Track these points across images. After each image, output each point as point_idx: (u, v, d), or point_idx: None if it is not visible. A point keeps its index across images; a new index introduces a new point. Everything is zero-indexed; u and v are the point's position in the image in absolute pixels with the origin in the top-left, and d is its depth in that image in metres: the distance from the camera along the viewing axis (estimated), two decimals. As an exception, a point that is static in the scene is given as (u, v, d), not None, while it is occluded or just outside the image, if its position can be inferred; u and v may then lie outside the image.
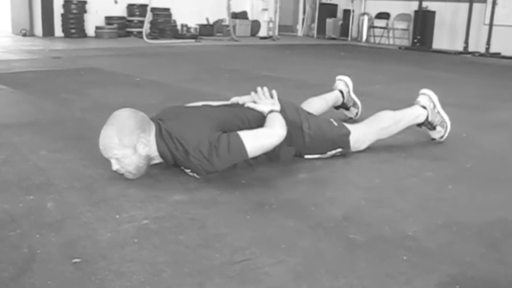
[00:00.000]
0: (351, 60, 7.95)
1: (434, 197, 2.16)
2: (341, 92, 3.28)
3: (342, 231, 1.78)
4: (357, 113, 3.37)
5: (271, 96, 2.49)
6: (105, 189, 2.08)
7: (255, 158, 2.26)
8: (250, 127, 2.31)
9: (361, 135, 2.64)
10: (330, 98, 3.21)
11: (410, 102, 2.93)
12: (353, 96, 3.34)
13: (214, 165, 2.11)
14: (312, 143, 2.50)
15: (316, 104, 3.04)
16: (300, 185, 2.23)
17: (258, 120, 2.34)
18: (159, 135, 2.18)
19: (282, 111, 2.40)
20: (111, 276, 1.44)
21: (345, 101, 3.30)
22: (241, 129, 2.26)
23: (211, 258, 1.56)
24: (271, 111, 2.36)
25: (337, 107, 3.32)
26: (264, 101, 2.45)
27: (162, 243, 1.65)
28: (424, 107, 2.84)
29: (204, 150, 2.09)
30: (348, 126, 2.61)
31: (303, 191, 2.17)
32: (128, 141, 2.11)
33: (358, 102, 3.36)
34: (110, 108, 2.38)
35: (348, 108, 3.36)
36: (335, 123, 2.59)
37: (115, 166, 2.14)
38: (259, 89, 2.51)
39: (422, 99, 2.87)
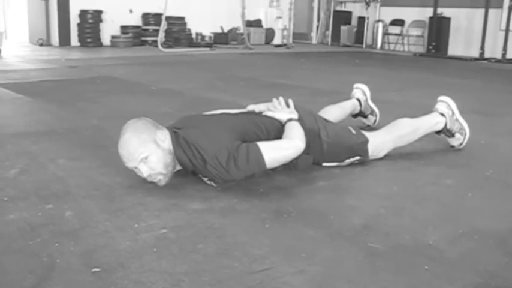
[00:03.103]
0: (365, 68, 7.92)
1: (454, 205, 2.13)
2: (358, 100, 3.26)
3: (362, 239, 1.76)
4: (375, 121, 3.35)
5: (288, 106, 2.48)
6: (123, 198, 2.08)
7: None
8: (269, 136, 2.30)
9: (379, 143, 2.62)
10: (347, 106, 3.19)
11: (427, 108, 2.91)
12: (371, 104, 3.32)
13: (232, 175, 2.10)
14: (330, 150, 2.48)
15: (333, 112, 3.03)
16: (319, 193, 2.22)
17: (276, 129, 2.34)
18: (177, 142, 2.17)
19: (300, 120, 2.40)
20: (130, 286, 1.43)
21: (363, 109, 3.28)
22: (260, 138, 2.25)
23: (231, 267, 1.55)
24: (289, 120, 2.35)
25: (354, 115, 3.30)
26: (281, 109, 2.45)
27: (181, 252, 1.64)
28: (443, 114, 2.81)
29: (222, 160, 2.08)
30: (366, 134, 2.60)
31: (322, 199, 2.15)
32: (147, 136, 2.11)
33: (376, 109, 3.34)
34: (126, 116, 2.38)
35: (365, 116, 3.34)
36: (353, 131, 2.57)
37: (145, 171, 2.11)
38: (275, 99, 2.50)
39: (440, 107, 2.85)
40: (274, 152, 2.15)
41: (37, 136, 3.01)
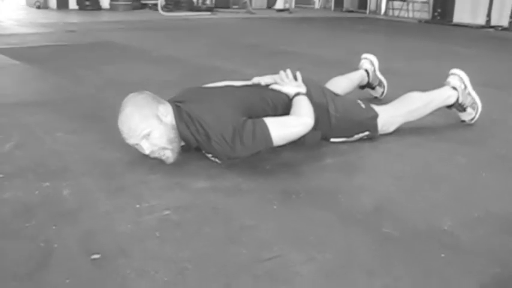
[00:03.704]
0: (370, 35, 7.75)
1: (468, 186, 2.05)
2: (366, 71, 3.15)
3: (374, 224, 1.68)
4: (382, 92, 3.24)
5: (295, 78, 2.37)
6: (123, 176, 1.99)
7: (280, 144, 2.16)
8: (276, 111, 2.20)
9: (389, 117, 2.52)
10: (355, 78, 3.08)
11: (435, 79, 2.80)
12: (379, 75, 3.21)
13: (237, 152, 2.01)
14: (338, 126, 2.38)
15: (341, 84, 2.92)
16: (327, 171, 2.13)
17: (284, 104, 2.24)
18: (179, 117, 2.07)
19: (308, 94, 2.29)
20: (132, 275, 1.35)
21: (371, 80, 3.17)
22: (267, 113, 2.16)
23: (238, 255, 1.47)
24: (297, 94, 2.25)
25: (362, 87, 3.19)
26: (288, 82, 2.34)
27: (185, 236, 1.56)
28: (455, 88, 2.71)
29: (227, 137, 1.98)
30: (376, 108, 2.49)
31: (330, 177, 2.07)
32: (148, 111, 2.01)
33: (384, 81, 3.23)
34: (126, 85, 2.31)
35: (373, 88, 3.23)
36: (362, 105, 2.47)
37: (147, 148, 2.02)
38: (282, 72, 2.39)
39: (452, 80, 2.74)
40: (282, 129, 2.05)
41: (34, 107, 2.91)
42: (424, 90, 2.67)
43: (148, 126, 1.99)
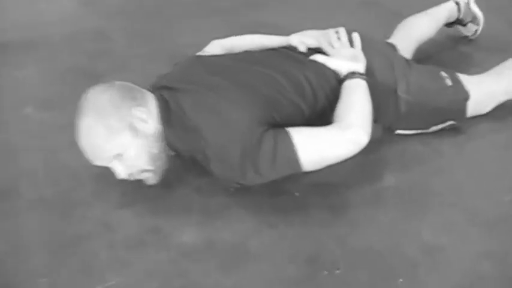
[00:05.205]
0: None
1: None
2: (457, 2, 2.28)
3: None
4: (476, 31, 2.36)
5: (351, 44, 1.60)
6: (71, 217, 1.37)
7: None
8: (315, 106, 1.48)
9: (484, 95, 1.72)
10: (441, 15, 2.21)
11: None
12: (473, 7, 2.32)
13: (248, 181, 1.34)
14: (409, 113, 1.62)
15: (420, 27, 2.10)
16: (384, 206, 1.40)
17: (328, 89, 1.50)
18: (167, 120, 1.39)
19: (368, 70, 1.54)
20: None
21: (462, 15, 2.29)
22: (299, 110, 1.45)
23: None
24: (351, 74, 1.50)
25: (449, 24, 2.33)
26: (340, 51, 1.58)
27: None
28: None
29: (233, 159, 1.30)
30: (466, 80, 1.70)
31: (389, 219, 1.36)
32: (117, 121, 1.33)
33: (480, 15, 2.33)
34: (147, 3, 1.58)
35: (464, 25, 2.36)
36: (448, 82, 1.68)
37: (121, 171, 1.37)
38: (331, 31, 1.62)
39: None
40: (317, 148, 1.33)
41: None
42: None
43: (119, 144, 1.33)
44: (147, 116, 1.37)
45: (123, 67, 2.06)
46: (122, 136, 1.33)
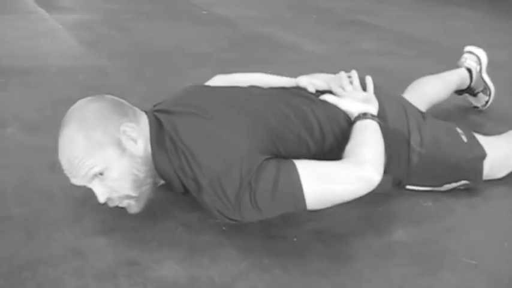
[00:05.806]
0: (467, 10, 6.56)
1: None
2: (469, 70, 2.21)
3: None
4: (487, 102, 2.29)
5: (364, 88, 1.50)
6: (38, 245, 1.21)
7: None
8: (323, 143, 1.36)
9: (501, 156, 1.61)
10: (453, 80, 2.15)
11: None
12: (485, 77, 2.26)
13: (243, 215, 1.18)
14: (422, 167, 1.50)
15: (432, 88, 2.02)
16: (394, 266, 1.25)
17: (338, 130, 1.39)
18: (157, 141, 1.26)
19: (380, 114, 1.43)
20: None
21: (473, 84, 2.22)
22: (306, 146, 1.32)
23: None
24: (363, 115, 1.38)
25: (460, 92, 2.25)
26: (352, 93, 1.47)
27: None
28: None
29: (228, 190, 1.15)
30: (482, 140, 1.59)
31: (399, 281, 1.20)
32: (103, 134, 1.19)
33: (491, 86, 2.27)
34: (151, 51, 1.48)
35: (475, 94, 2.29)
36: (464, 138, 1.57)
37: (101, 194, 1.21)
38: (343, 73, 1.53)
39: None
40: (325, 183, 1.19)
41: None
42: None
43: (100, 161, 1.19)
44: (137, 135, 1.23)
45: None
46: (105, 152, 1.18)
